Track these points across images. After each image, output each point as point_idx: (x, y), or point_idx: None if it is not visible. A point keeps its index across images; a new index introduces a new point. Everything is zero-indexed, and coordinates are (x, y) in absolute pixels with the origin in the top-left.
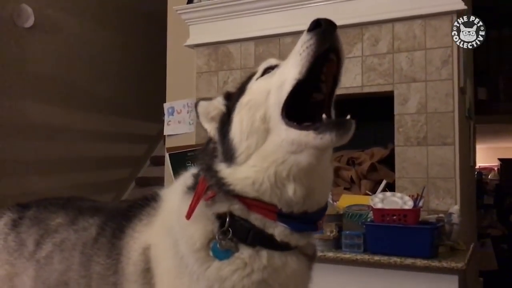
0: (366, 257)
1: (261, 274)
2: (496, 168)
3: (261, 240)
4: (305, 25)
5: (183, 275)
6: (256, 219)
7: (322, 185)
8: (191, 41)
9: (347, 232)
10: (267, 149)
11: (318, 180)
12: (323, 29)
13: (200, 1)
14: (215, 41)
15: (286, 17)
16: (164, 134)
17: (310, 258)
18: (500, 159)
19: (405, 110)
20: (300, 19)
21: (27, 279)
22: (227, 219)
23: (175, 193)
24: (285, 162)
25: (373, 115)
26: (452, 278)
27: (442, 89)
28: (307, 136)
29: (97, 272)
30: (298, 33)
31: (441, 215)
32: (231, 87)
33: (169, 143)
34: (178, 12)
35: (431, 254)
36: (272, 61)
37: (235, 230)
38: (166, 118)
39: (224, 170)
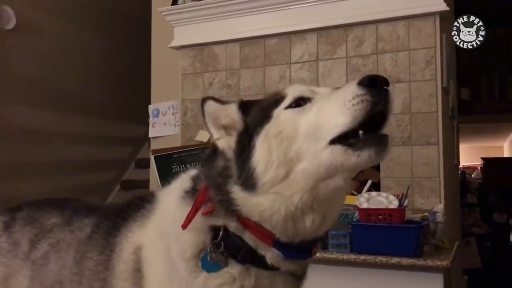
0: (352, 256)
1: None
2: (479, 167)
3: (251, 259)
4: (290, 27)
5: (172, 280)
6: (250, 238)
7: (335, 211)
8: (175, 42)
9: (334, 232)
10: (296, 178)
11: (335, 207)
12: (379, 89)
13: (185, 3)
14: (200, 43)
15: (271, 18)
16: (149, 136)
17: (299, 278)
18: (483, 158)
19: None
20: (285, 21)
21: (23, 279)
22: (221, 233)
23: (170, 196)
24: (314, 189)
25: None
26: (437, 276)
27: (425, 90)
28: (344, 154)
29: (88, 268)
30: (283, 35)
31: (425, 214)
32: (217, 89)
33: (154, 145)
34: (163, 13)
35: (416, 253)
36: (302, 90)
37: (227, 245)
38: (151, 120)
39: (238, 193)
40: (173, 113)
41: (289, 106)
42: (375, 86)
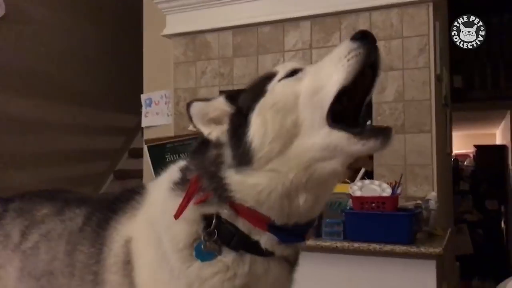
0: (346, 244)
1: (243, 279)
2: (471, 155)
3: (245, 245)
4: (283, 14)
5: (163, 270)
6: (243, 225)
7: (327, 195)
8: (167, 30)
9: (327, 220)
10: (291, 154)
11: (328, 189)
12: (370, 42)
13: None
14: (192, 31)
15: (264, 6)
16: (142, 126)
17: (292, 263)
18: (475, 146)
19: (382, 99)
20: (278, 8)
21: (13, 270)
22: (214, 221)
23: (159, 187)
24: (309, 168)
25: None
26: (429, 263)
27: (419, 77)
28: (347, 140)
29: (80, 260)
30: (277, 22)
31: (418, 201)
32: (209, 77)
33: (147, 135)
34: (154, 1)
35: (409, 240)
36: (293, 64)
37: (221, 233)
38: (143, 109)
39: (232, 177)
40: (165, 103)
41: (283, 78)
42: (367, 39)
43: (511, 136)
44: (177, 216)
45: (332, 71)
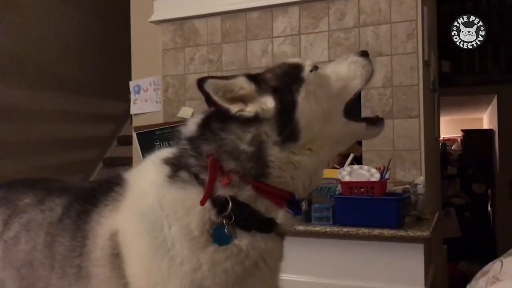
0: (335, 229)
1: (253, 259)
2: (459, 139)
3: (258, 225)
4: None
5: (161, 258)
6: (261, 203)
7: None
8: (155, 17)
9: (317, 205)
10: (323, 136)
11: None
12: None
13: None
14: (180, 17)
15: None
16: (131, 113)
17: (283, 237)
18: (463, 130)
19: (371, 84)
20: None
21: None
22: (230, 204)
23: (146, 178)
24: (333, 148)
25: None
26: (417, 246)
27: (407, 63)
28: (365, 129)
29: (60, 253)
30: (265, 8)
31: (407, 186)
32: (198, 64)
33: (136, 122)
34: None
35: (397, 224)
36: (310, 60)
37: (236, 215)
38: (132, 96)
39: (277, 154)
40: (154, 90)
41: (313, 70)
42: (368, 57)
43: (498, 120)
44: (203, 202)
45: (353, 76)
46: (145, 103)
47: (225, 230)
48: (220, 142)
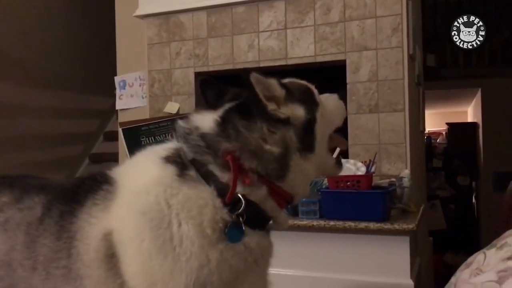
0: (322, 223)
1: (256, 256)
2: (444, 132)
3: (261, 223)
4: None
5: (165, 256)
6: (268, 203)
7: None
8: (140, 11)
9: (303, 199)
10: (320, 153)
11: None
12: None
13: None
14: (166, 11)
15: None
16: (117, 108)
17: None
18: (447, 124)
19: (357, 79)
20: None
21: None
22: (244, 203)
23: (146, 178)
24: (322, 164)
25: (326, 84)
26: (403, 239)
27: (392, 57)
28: (333, 162)
29: (43, 254)
30: (251, 2)
31: (392, 179)
32: (184, 59)
33: (122, 117)
34: None
35: (383, 217)
36: (312, 87)
37: (247, 213)
38: (117, 92)
39: (296, 160)
40: (140, 85)
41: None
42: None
43: (482, 114)
44: (229, 199)
45: (337, 114)
46: (131, 98)
47: (242, 228)
48: (243, 140)
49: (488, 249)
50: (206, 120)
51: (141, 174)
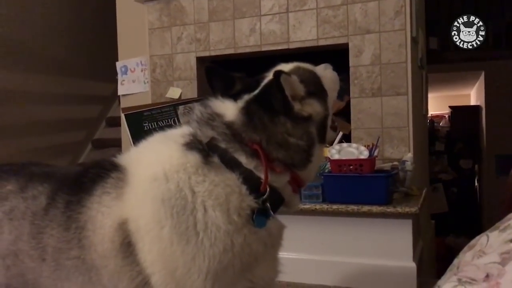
0: (325, 206)
1: (273, 239)
2: (447, 116)
3: (278, 207)
4: None
5: (187, 242)
6: (287, 189)
7: None
8: None
9: None
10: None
11: None
12: None
13: None
14: None
15: None
16: (119, 94)
17: None
18: (450, 107)
19: (359, 62)
20: None
21: None
22: (268, 190)
23: (164, 165)
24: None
25: None
26: (406, 222)
27: (395, 40)
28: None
29: (52, 245)
30: None
31: (395, 163)
32: (185, 43)
33: (124, 103)
34: None
35: (386, 201)
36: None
37: (271, 199)
38: (119, 77)
39: (316, 150)
40: (141, 70)
41: None
42: None
43: (485, 97)
44: (264, 188)
45: (335, 89)
46: (133, 83)
47: (269, 213)
48: (269, 132)
49: (491, 231)
50: (230, 109)
51: (156, 161)
